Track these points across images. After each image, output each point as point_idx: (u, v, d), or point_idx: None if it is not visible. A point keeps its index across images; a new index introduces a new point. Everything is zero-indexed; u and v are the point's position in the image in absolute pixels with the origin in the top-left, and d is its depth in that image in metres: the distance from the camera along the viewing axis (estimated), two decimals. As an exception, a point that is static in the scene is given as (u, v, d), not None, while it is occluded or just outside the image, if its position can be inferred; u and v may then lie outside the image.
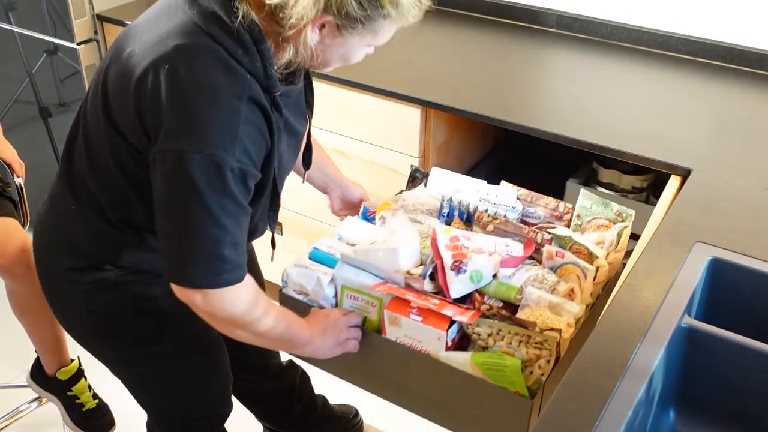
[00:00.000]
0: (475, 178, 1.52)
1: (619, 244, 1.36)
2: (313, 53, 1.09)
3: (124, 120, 1.11)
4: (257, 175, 1.12)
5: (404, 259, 1.28)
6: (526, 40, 2.21)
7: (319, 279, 1.32)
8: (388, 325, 1.25)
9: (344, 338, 1.27)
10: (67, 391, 1.97)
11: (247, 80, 1.06)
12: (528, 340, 1.16)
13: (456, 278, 1.23)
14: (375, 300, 1.28)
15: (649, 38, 2.11)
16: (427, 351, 1.22)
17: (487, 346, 1.20)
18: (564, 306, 1.21)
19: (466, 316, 1.17)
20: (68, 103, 2.57)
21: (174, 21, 1.08)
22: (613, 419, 0.94)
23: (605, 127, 1.72)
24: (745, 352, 1.10)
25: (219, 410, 1.50)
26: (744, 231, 1.33)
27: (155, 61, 1.05)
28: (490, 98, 1.85)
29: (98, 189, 1.21)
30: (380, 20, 1.05)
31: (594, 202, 1.42)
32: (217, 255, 1.08)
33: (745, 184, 1.50)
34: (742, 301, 1.25)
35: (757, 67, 1.99)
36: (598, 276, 1.29)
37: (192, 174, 1.03)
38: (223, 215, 1.06)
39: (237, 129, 1.04)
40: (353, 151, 2.01)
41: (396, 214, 1.39)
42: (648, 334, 1.08)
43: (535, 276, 1.28)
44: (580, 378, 1.01)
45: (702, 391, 1.16)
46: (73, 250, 1.26)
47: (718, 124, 1.77)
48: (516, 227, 1.37)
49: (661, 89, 1.93)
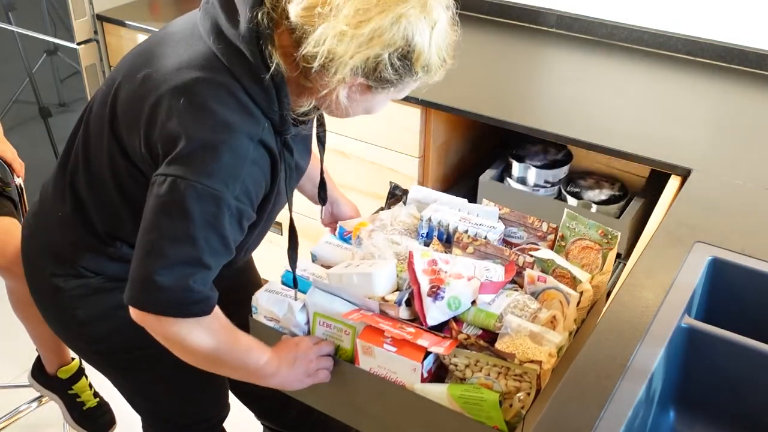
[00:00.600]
0: (456, 196, 1.47)
1: (604, 267, 1.31)
2: (338, 109, 1.10)
3: (131, 139, 1.10)
4: (253, 216, 1.11)
5: (380, 284, 1.23)
6: (526, 40, 2.21)
7: (290, 305, 1.27)
8: (362, 354, 1.20)
9: (315, 369, 1.22)
10: (68, 390, 1.97)
11: (261, 122, 1.06)
12: (507, 372, 1.12)
13: (433, 305, 1.18)
14: (348, 328, 1.23)
15: (649, 38, 2.11)
16: (402, 382, 1.17)
17: (465, 378, 1.15)
18: (545, 335, 1.15)
19: (442, 347, 1.12)
20: (68, 103, 2.57)
21: (196, 50, 1.07)
22: (613, 419, 0.94)
23: (605, 127, 1.72)
24: (745, 352, 1.10)
25: (215, 414, 1.49)
26: (744, 231, 1.33)
27: (173, 89, 1.04)
28: (490, 98, 1.85)
29: (90, 201, 1.20)
30: (409, 81, 1.07)
31: (578, 223, 1.37)
32: (187, 286, 1.05)
33: (745, 184, 1.50)
34: (742, 301, 1.25)
35: (757, 67, 1.99)
36: (582, 301, 1.24)
37: (187, 200, 1.02)
38: (206, 249, 1.04)
39: (242, 169, 1.04)
40: (353, 151, 2.01)
41: (372, 235, 1.34)
42: (648, 334, 1.08)
43: (515, 303, 1.22)
44: (580, 378, 1.01)
45: (702, 391, 1.16)
46: (58, 256, 1.26)
47: (718, 124, 1.77)
48: (497, 249, 1.32)
49: (661, 89, 1.93)
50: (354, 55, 0.99)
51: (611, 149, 1.63)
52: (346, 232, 1.44)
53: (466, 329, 1.21)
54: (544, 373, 1.10)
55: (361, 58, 0.99)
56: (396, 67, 1.02)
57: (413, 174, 1.93)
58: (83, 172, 1.19)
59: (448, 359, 1.16)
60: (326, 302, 1.24)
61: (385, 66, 1.01)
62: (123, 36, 2.32)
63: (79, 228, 1.22)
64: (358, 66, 1.00)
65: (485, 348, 1.14)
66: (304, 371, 1.21)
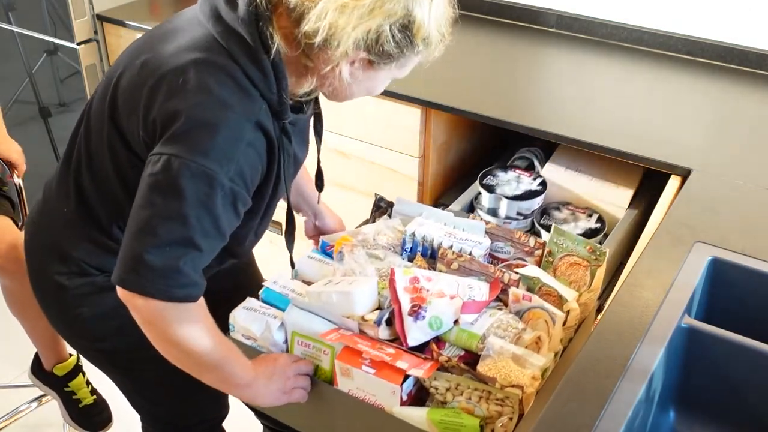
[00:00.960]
0: (442, 210, 1.43)
1: (592, 284, 1.27)
2: (341, 88, 1.10)
3: (130, 126, 1.11)
4: (248, 200, 1.10)
5: (359, 303, 1.19)
6: (526, 40, 2.21)
7: (268, 323, 1.23)
8: (340, 376, 1.17)
9: (291, 387, 1.19)
10: (65, 387, 1.98)
11: (259, 104, 1.07)
12: (489, 396, 1.08)
13: (414, 325, 1.15)
14: (327, 348, 1.19)
15: (649, 38, 2.11)
16: (382, 405, 1.14)
17: (446, 401, 1.11)
18: (528, 358, 1.12)
19: (422, 369, 1.08)
20: (68, 103, 2.57)
21: (194, 34, 1.08)
22: (613, 419, 0.94)
23: (605, 127, 1.72)
24: (745, 352, 1.10)
25: (215, 414, 1.49)
26: (744, 231, 1.33)
27: (171, 70, 1.05)
28: (490, 98, 1.85)
29: (94, 196, 1.20)
30: (410, 56, 1.08)
31: (566, 239, 1.33)
32: (176, 267, 1.04)
33: (745, 184, 1.50)
34: (742, 301, 1.25)
35: (757, 67, 1.99)
36: (569, 320, 1.20)
37: (180, 178, 1.01)
38: (197, 229, 1.04)
39: (237, 149, 1.04)
40: (353, 151, 2.01)
41: (354, 251, 1.31)
42: (648, 334, 1.08)
43: (498, 323, 1.18)
44: (580, 378, 1.01)
45: (702, 391, 1.16)
46: (63, 254, 1.26)
47: (718, 124, 1.77)
48: (482, 266, 1.28)
49: (661, 89, 1.93)
50: (356, 26, 1.00)
51: (611, 149, 1.63)
52: (329, 246, 1.41)
53: (448, 350, 1.18)
54: (526, 398, 1.07)
55: (362, 30, 1.01)
56: (397, 39, 1.03)
57: (413, 174, 1.93)
58: (86, 169, 1.20)
59: (428, 382, 1.13)
60: (305, 321, 1.21)
61: (387, 38, 1.03)
62: (123, 36, 2.32)
63: (85, 225, 1.22)
64: (360, 38, 1.01)
65: (466, 371, 1.11)
66: (279, 388, 1.18)
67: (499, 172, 1.76)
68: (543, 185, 1.72)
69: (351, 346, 1.14)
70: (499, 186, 1.72)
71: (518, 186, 1.72)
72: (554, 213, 1.71)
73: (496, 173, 1.76)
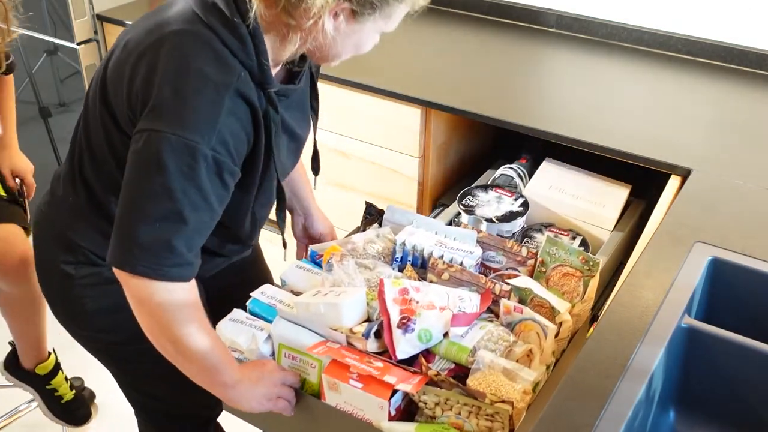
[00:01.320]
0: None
1: (585, 294, 1.26)
2: (327, 44, 1.09)
3: (118, 105, 1.11)
4: (235, 170, 1.09)
5: (347, 315, 1.17)
6: (526, 40, 2.21)
7: (255, 336, 1.21)
8: (328, 390, 1.14)
9: (276, 395, 1.16)
10: (46, 385, 2.00)
11: (237, 72, 1.06)
12: (479, 411, 1.06)
13: (403, 337, 1.12)
14: (314, 361, 1.17)
15: (649, 38, 2.11)
16: (369, 420, 1.11)
17: (435, 416, 1.09)
18: (519, 373, 1.09)
19: (410, 384, 1.06)
20: (68, 103, 2.57)
21: (174, 9, 1.09)
22: (613, 419, 0.94)
23: (605, 127, 1.72)
24: (745, 352, 1.10)
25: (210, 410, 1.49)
26: (744, 231, 1.33)
27: (151, 44, 1.06)
28: (490, 98, 1.85)
29: (98, 185, 1.21)
30: (394, 4, 1.07)
31: (559, 248, 1.31)
32: (168, 244, 1.04)
33: (745, 184, 1.50)
34: (742, 301, 1.25)
35: (757, 67, 1.99)
36: (561, 332, 1.18)
37: (162, 153, 1.01)
38: (185, 203, 1.03)
39: (217, 118, 1.03)
40: (353, 151, 2.01)
41: (343, 261, 1.29)
42: (648, 334, 1.08)
43: (489, 335, 1.16)
44: (580, 378, 1.01)
45: (702, 391, 1.16)
46: (70, 243, 1.26)
47: (718, 124, 1.77)
48: (473, 276, 1.26)
49: (661, 89, 1.93)
50: None
51: (611, 149, 1.63)
52: (318, 256, 1.39)
53: (438, 363, 1.16)
54: (517, 413, 1.05)
55: None
56: None
57: (413, 174, 1.93)
58: (88, 157, 1.20)
59: (417, 396, 1.11)
60: (292, 333, 1.19)
61: None
62: (123, 36, 2.32)
63: (92, 213, 1.22)
64: None
65: (455, 386, 1.09)
66: (265, 393, 1.16)
67: (479, 192, 1.66)
68: (525, 206, 1.61)
69: (338, 359, 1.12)
70: (479, 207, 1.61)
71: (499, 207, 1.61)
72: (536, 235, 1.64)
73: (476, 193, 1.66)
